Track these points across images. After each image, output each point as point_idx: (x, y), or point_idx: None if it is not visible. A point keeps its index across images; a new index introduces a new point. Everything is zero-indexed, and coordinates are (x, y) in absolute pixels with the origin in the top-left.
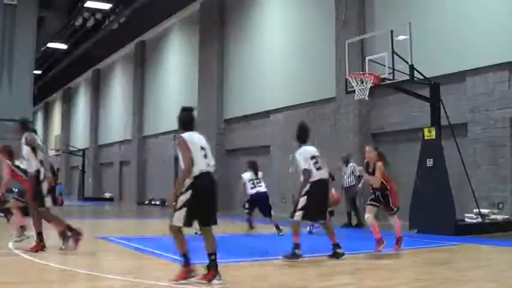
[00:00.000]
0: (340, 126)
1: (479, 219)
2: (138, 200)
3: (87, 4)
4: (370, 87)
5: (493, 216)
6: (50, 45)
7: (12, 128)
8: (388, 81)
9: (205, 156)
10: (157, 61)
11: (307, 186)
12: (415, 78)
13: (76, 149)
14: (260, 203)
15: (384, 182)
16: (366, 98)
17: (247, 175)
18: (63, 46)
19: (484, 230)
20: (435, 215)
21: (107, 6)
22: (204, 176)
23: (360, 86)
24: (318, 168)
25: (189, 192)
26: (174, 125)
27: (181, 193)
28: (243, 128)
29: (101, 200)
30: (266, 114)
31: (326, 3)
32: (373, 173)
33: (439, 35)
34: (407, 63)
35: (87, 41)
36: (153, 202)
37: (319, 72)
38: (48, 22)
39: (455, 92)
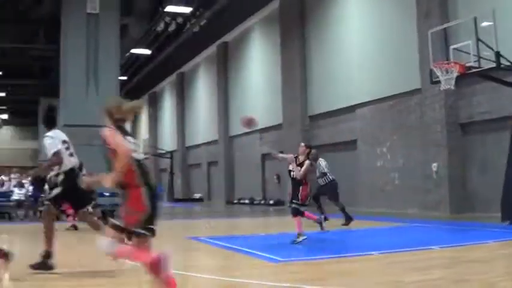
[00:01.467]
0: (426, 118)
1: None
2: (227, 199)
3: (168, 9)
4: (456, 76)
5: None
6: (134, 51)
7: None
8: (474, 70)
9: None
10: (239, 61)
11: (62, 176)
12: (502, 65)
13: (164, 152)
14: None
15: None
16: (452, 88)
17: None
18: (147, 51)
19: None
20: None
21: (187, 9)
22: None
23: (445, 75)
24: (71, 155)
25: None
26: (260, 124)
27: None
28: (328, 124)
29: (190, 201)
30: (351, 109)
31: None
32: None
33: None
34: (493, 50)
35: (170, 45)
36: (242, 201)
37: (403, 64)
38: (130, 29)
39: None
